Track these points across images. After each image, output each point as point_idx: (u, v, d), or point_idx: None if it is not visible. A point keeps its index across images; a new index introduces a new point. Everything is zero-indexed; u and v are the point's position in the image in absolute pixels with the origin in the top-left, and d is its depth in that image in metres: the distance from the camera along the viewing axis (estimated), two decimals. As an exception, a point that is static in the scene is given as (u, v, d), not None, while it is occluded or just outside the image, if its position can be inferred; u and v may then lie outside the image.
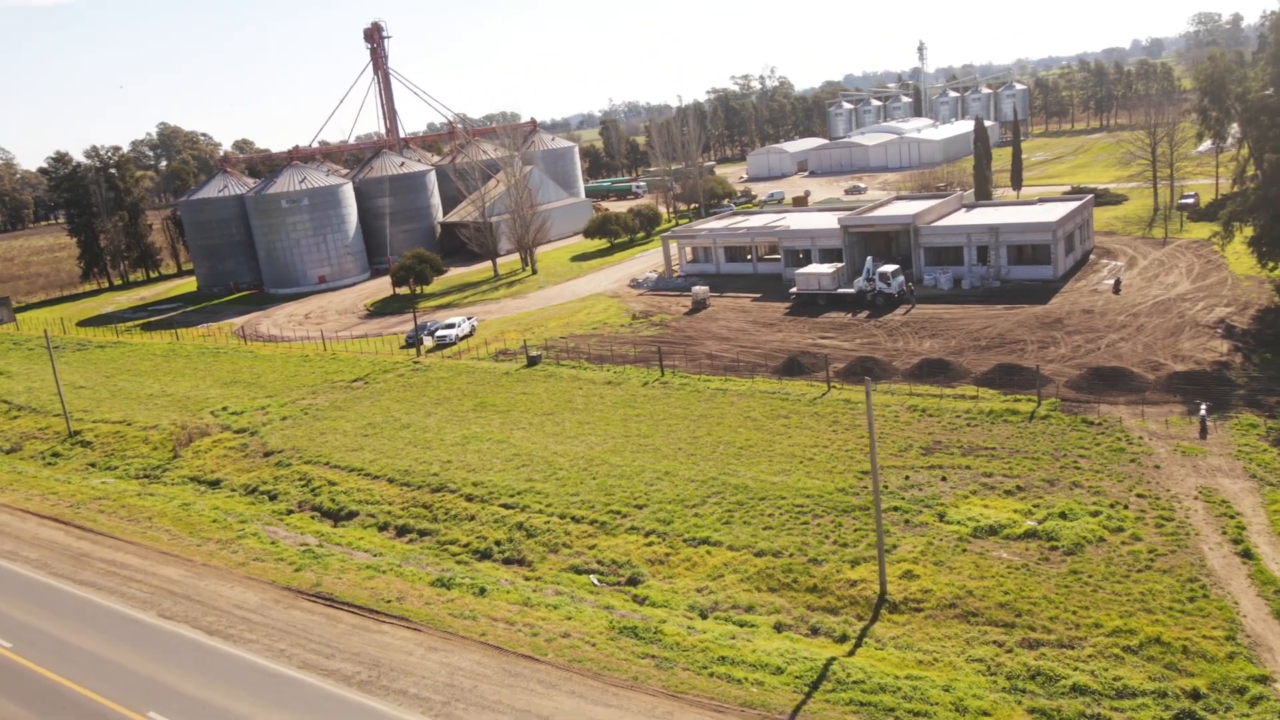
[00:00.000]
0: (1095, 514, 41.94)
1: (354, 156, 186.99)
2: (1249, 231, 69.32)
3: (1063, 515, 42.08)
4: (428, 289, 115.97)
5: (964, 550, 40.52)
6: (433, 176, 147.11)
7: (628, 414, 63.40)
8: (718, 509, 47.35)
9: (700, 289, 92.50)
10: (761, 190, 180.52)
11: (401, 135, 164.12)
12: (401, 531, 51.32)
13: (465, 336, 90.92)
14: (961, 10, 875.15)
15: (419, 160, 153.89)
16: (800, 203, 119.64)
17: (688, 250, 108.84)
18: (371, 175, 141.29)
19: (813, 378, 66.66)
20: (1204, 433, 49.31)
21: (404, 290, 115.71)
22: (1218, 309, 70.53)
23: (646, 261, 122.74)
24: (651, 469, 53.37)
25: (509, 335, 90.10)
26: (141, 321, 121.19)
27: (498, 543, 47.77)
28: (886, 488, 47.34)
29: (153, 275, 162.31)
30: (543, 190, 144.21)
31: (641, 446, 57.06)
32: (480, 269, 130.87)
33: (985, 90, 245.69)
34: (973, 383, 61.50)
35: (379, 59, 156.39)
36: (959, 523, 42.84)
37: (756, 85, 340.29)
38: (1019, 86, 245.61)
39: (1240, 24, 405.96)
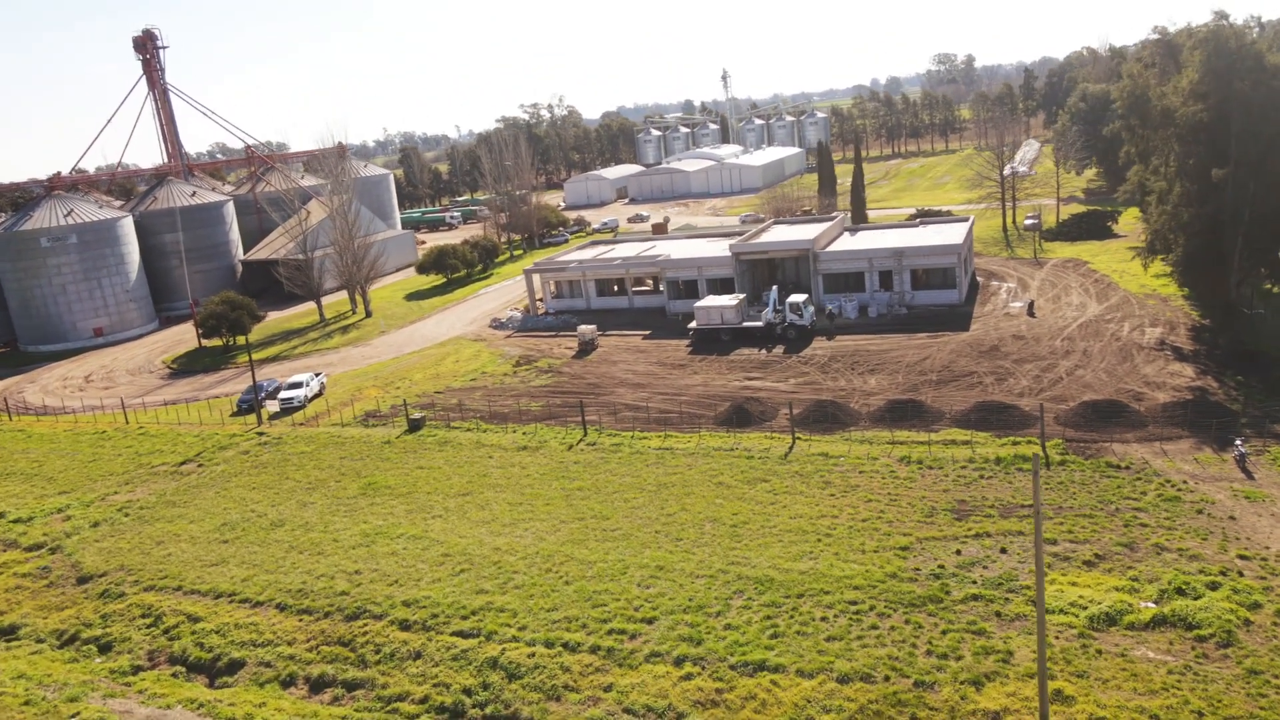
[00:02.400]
0: (1213, 586, 35.48)
1: (122, 187, 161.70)
2: (1171, 255, 67.55)
3: (1180, 591, 35.31)
4: (245, 339, 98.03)
5: (1098, 651, 32.65)
6: (230, 208, 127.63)
7: (566, 488, 51.96)
8: (752, 616, 37.21)
9: (587, 328, 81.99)
10: (594, 219, 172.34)
11: (185, 161, 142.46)
12: (317, 686, 37.34)
13: (315, 397, 75.52)
14: (713, 47, 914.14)
15: (212, 190, 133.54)
16: (660, 229, 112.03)
17: (551, 284, 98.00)
18: (156, 207, 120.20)
19: (767, 428, 57.98)
20: (1245, 470, 44.73)
21: (215, 342, 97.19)
22: (1148, 330, 68.47)
23: (495, 298, 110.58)
24: (635, 563, 42.43)
25: (369, 392, 75.61)
26: None
27: (469, 691, 35.12)
28: (943, 568, 39.07)
29: None
30: (360, 222, 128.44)
31: (606, 532, 45.92)
32: (300, 312, 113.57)
33: (789, 118, 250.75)
34: (953, 424, 55.00)
35: (153, 72, 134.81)
36: (1062, 610, 35.09)
37: (546, 114, 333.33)
38: (820, 115, 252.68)
39: (974, 64, 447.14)
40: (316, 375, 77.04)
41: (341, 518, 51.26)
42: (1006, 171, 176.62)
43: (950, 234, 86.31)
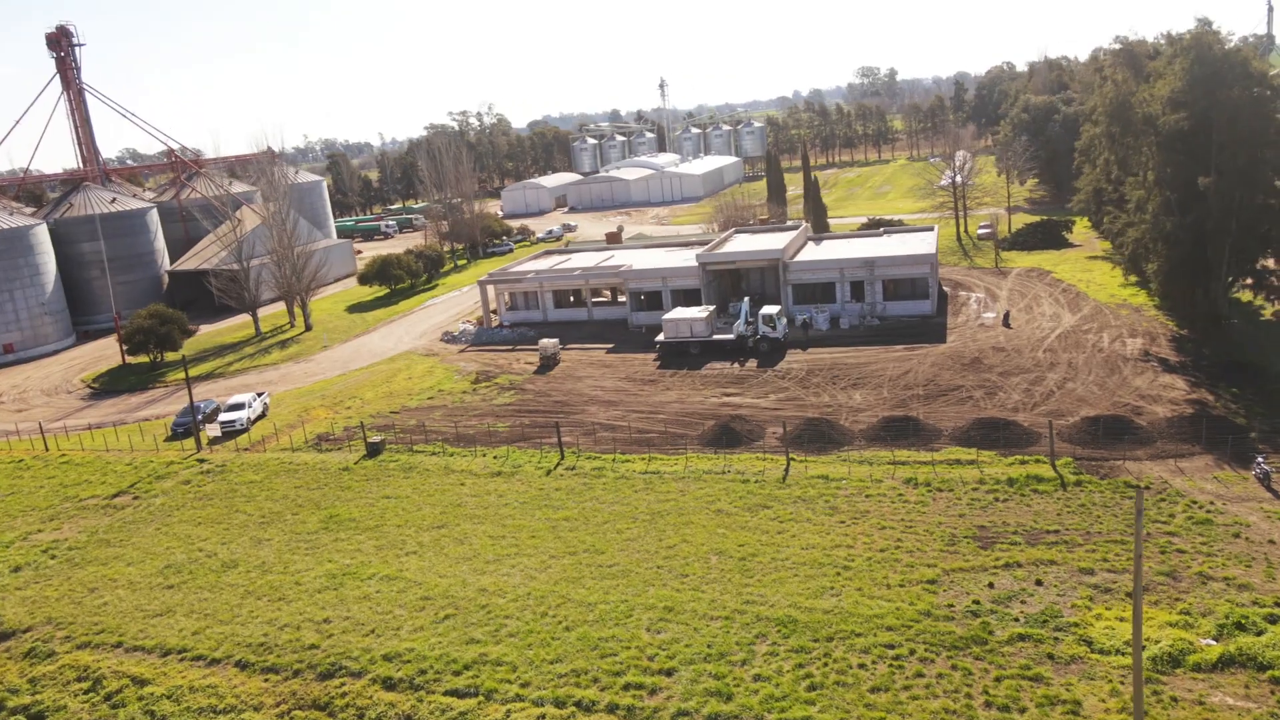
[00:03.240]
0: (1273, 619, 33.28)
1: (31, 193, 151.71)
2: (1151, 265, 66.55)
3: (1240, 626, 33.03)
4: (176, 355, 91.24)
5: (1173, 699, 30.04)
6: (154, 215, 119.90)
7: (551, 518, 47.93)
8: (781, 664, 33.78)
9: (549, 342, 77.84)
10: (537, 228, 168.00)
11: (103, 165, 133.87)
12: (293, 758, 32.71)
13: (259, 418, 69.84)
14: (638, 57, 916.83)
15: (134, 196, 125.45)
16: (614, 239, 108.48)
17: (505, 295, 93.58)
18: (73, 214, 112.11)
19: (757, 448, 54.80)
20: (1271, 489, 43.10)
21: (141, 359, 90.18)
22: (1128, 341, 67.39)
23: (443, 310, 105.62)
24: (641, 604, 38.69)
25: (317, 413, 70.27)
26: None
27: (471, 762, 30.97)
28: (979, 604, 36.26)
29: None
30: (297, 231, 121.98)
31: (603, 569, 42.07)
32: (234, 325, 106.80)
33: (726, 127, 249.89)
34: (952, 442, 52.60)
35: (68, 71, 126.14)
36: (1118, 651, 32.48)
37: (475, 122, 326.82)
38: (757, 124, 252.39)
39: (895, 77, 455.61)
40: (259, 395, 71.30)
41: (303, 556, 46.31)
42: (947, 182, 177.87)
43: (920, 243, 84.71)
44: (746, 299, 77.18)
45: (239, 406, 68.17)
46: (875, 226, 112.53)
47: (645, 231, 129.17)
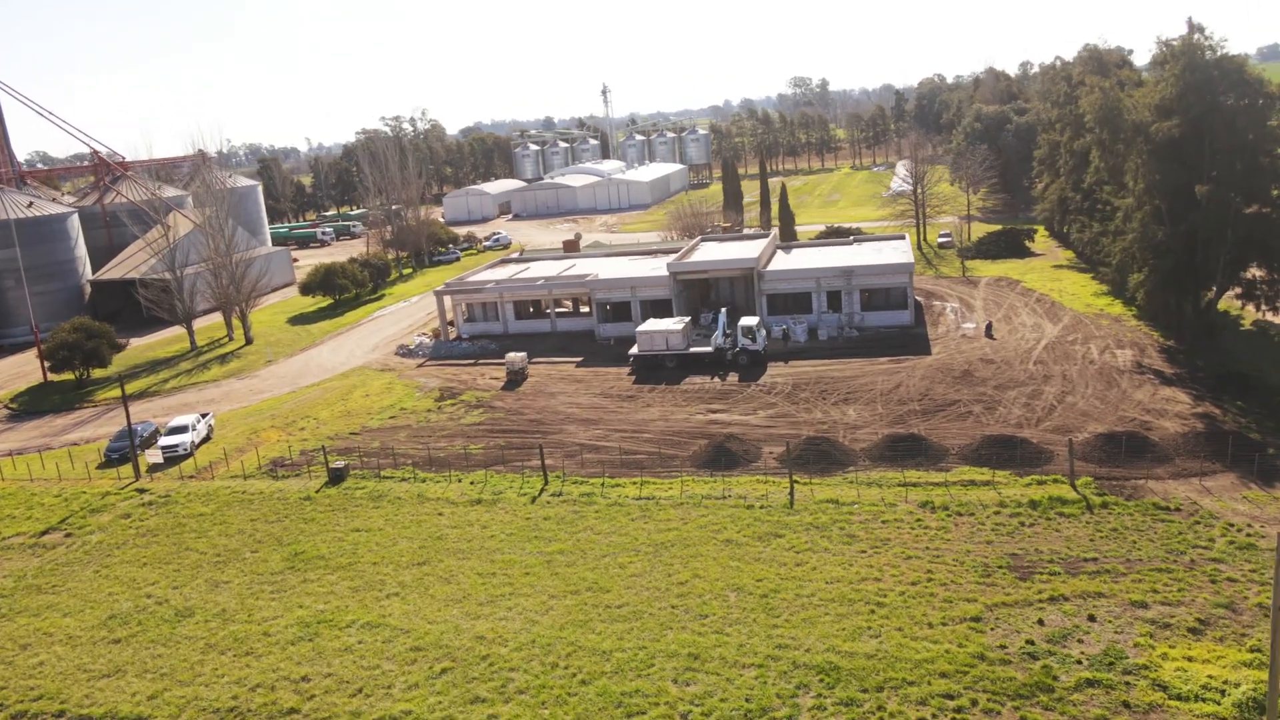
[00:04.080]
0: (1351, 655, 31.07)
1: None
2: (1137, 276, 65.23)
3: (1320, 664, 30.70)
4: (105, 372, 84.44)
5: (1271, 750, 27.48)
6: (75, 221, 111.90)
7: (544, 552, 43.88)
8: None
9: (516, 356, 73.55)
10: (483, 235, 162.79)
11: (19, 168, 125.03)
12: None
13: (203, 442, 64.15)
14: (571, 65, 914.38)
15: (52, 200, 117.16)
16: (572, 247, 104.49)
17: (462, 306, 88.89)
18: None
19: (755, 470, 51.52)
20: (1304, 510, 41.35)
21: (66, 376, 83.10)
22: (1118, 352, 66.02)
23: (393, 322, 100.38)
24: (661, 651, 34.94)
25: (268, 435, 64.86)
26: None
27: None
28: (1033, 644, 33.41)
29: None
30: (237, 238, 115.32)
31: (611, 610, 38.21)
32: (166, 338, 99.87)
33: (670, 135, 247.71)
34: (962, 461, 50.04)
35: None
36: (1198, 697, 29.89)
37: (409, 128, 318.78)
38: (701, 132, 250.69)
39: (828, 87, 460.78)
40: (203, 416, 65.50)
41: (268, 601, 41.44)
42: (896, 189, 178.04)
43: (896, 252, 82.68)
44: (724, 310, 74.05)
45: (182, 429, 62.41)
46: (834, 235, 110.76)
47: (602, 239, 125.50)
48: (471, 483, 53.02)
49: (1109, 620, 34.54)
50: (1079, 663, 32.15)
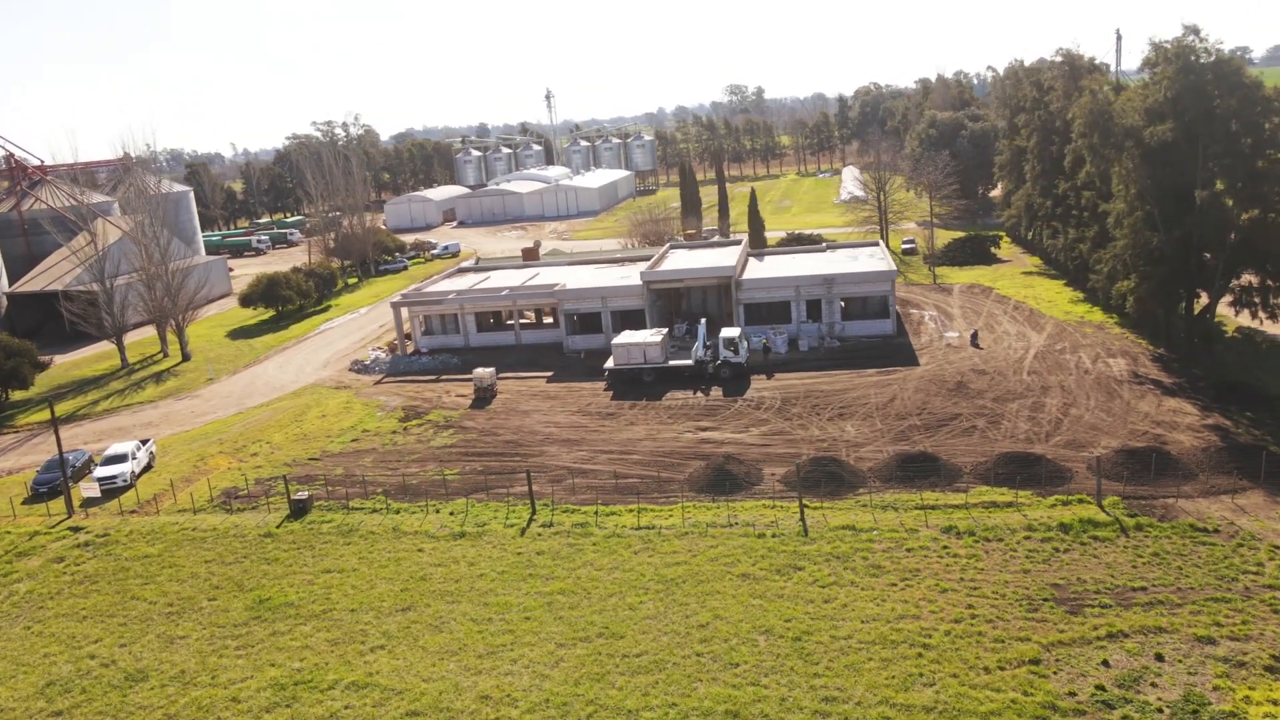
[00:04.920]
0: None
1: None
2: (1126, 283, 63.59)
3: None
4: (27, 394, 77.51)
5: (1397, 812, 24.84)
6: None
7: (542, 591, 39.78)
8: (901, 787, 26.96)
9: (484, 372, 69.05)
10: (432, 242, 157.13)
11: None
12: None
13: (145, 471, 58.39)
14: (506, 72, 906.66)
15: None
16: (532, 255, 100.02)
17: (420, 318, 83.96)
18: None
19: (758, 494, 48.10)
20: (1347, 529, 39.41)
21: (-16, 399, 76.04)
22: (1110, 361, 64.34)
23: (343, 335, 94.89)
24: (694, 710, 31.16)
25: (216, 462, 59.39)
26: None
27: None
28: (1104, 690, 30.50)
29: None
30: (172, 246, 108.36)
31: (629, 660, 34.30)
32: (94, 355, 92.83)
33: (615, 140, 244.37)
34: (978, 480, 47.32)
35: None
36: (1297, 746, 27.24)
37: (342, 133, 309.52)
38: (647, 138, 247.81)
39: (763, 95, 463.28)
40: (143, 443, 59.63)
41: (233, 659, 36.54)
42: (849, 194, 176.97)
43: (874, 260, 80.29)
44: (704, 321, 70.63)
45: (120, 458, 56.56)
46: (798, 242, 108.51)
47: (561, 247, 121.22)
48: (451, 513, 48.57)
49: (1178, 660, 31.82)
50: (1160, 711, 29.31)
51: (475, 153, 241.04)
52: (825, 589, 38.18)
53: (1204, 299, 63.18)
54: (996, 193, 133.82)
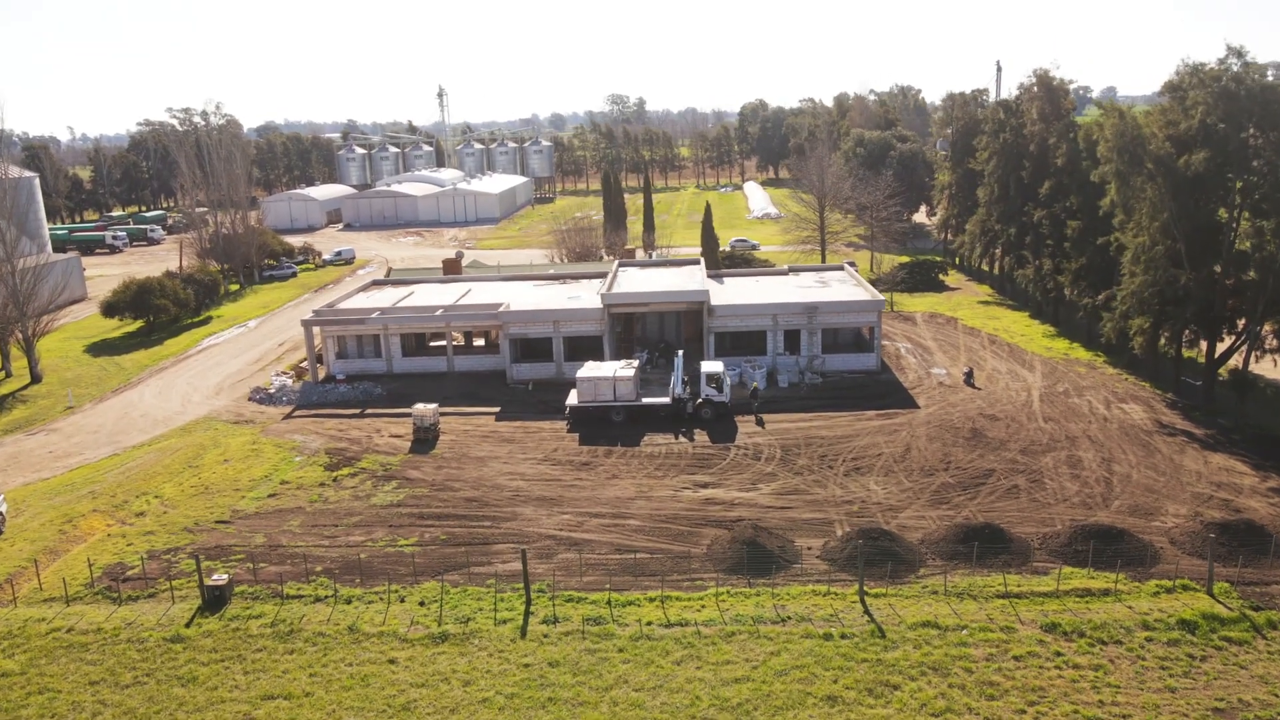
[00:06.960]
0: None
1: None
2: (1139, 320, 58.91)
3: None
4: None
5: None
6: None
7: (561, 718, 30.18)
8: None
9: (426, 409, 58.14)
10: (322, 247, 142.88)
11: None
12: None
13: (-6, 540, 45.11)
14: (373, 68, 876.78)
15: None
16: (454, 267, 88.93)
17: (332, 339, 71.99)
18: None
19: (799, 575, 39.79)
20: None
21: None
22: (1124, 407, 59.34)
23: (232, 353, 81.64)
24: None
25: (90, 524, 46.66)
26: None
27: None
28: None
29: None
30: (16, 243, 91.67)
31: (725, 842, 25.20)
32: (-83, 375, 76.28)
33: (511, 144, 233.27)
34: (1054, 558, 40.46)
35: None
36: None
37: (201, 122, 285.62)
38: (545, 143, 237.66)
39: (644, 106, 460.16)
40: (-8, 500, 46.33)
41: None
42: (760, 211, 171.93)
43: (850, 286, 73.57)
44: (681, 352, 62.01)
45: (-40, 524, 43.28)
46: (741, 262, 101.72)
47: (481, 259, 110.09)
48: (421, 603, 38.15)
49: None
50: None
51: (359, 150, 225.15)
52: (941, 718, 30.12)
53: (1225, 342, 59.06)
54: (933, 218, 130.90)
